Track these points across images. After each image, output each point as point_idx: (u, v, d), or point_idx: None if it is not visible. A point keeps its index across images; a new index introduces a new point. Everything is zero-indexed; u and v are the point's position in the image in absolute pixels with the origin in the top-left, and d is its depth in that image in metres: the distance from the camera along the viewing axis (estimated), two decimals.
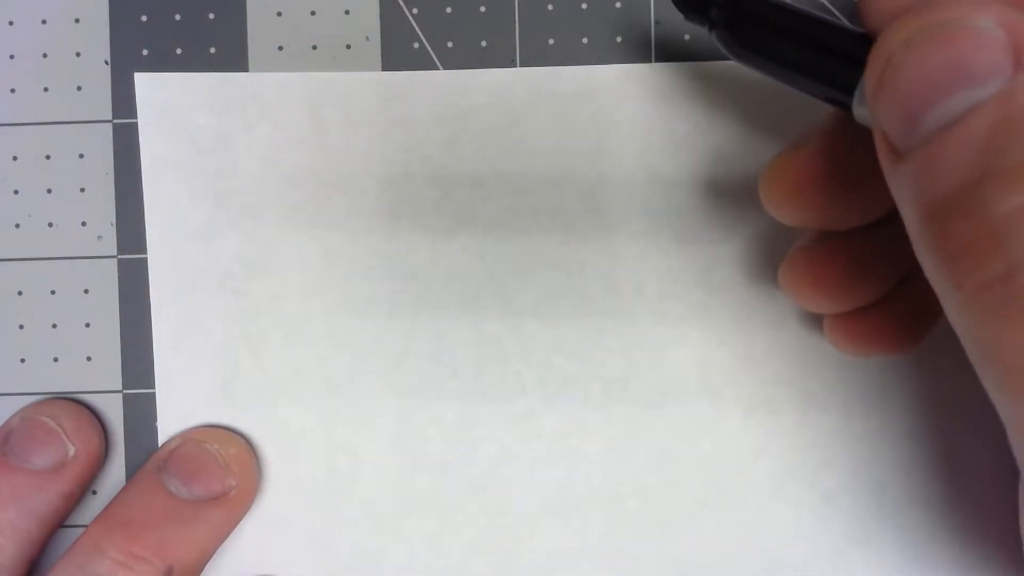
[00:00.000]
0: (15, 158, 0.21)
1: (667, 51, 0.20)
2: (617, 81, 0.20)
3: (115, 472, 0.22)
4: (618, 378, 0.21)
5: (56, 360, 0.22)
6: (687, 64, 0.20)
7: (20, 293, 0.22)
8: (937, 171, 0.12)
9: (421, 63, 0.21)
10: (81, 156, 0.21)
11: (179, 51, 0.21)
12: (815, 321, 0.20)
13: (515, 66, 0.21)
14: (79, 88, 0.21)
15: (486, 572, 0.21)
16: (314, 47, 0.21)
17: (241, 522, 0.21)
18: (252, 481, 0.21)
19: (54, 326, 0.22)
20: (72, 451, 0.20)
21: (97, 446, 0.21)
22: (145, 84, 0.21)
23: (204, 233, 0.21)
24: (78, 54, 0.21)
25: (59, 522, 0.21)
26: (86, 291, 0.21)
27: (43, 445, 0.20)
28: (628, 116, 0.20)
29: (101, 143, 0.21)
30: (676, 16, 0.18)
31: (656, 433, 0.21)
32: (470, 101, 0.21)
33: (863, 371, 0.21)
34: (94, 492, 0.22)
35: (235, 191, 0.21)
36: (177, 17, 0.21)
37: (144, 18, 0.21)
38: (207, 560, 0.21)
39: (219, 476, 0.20)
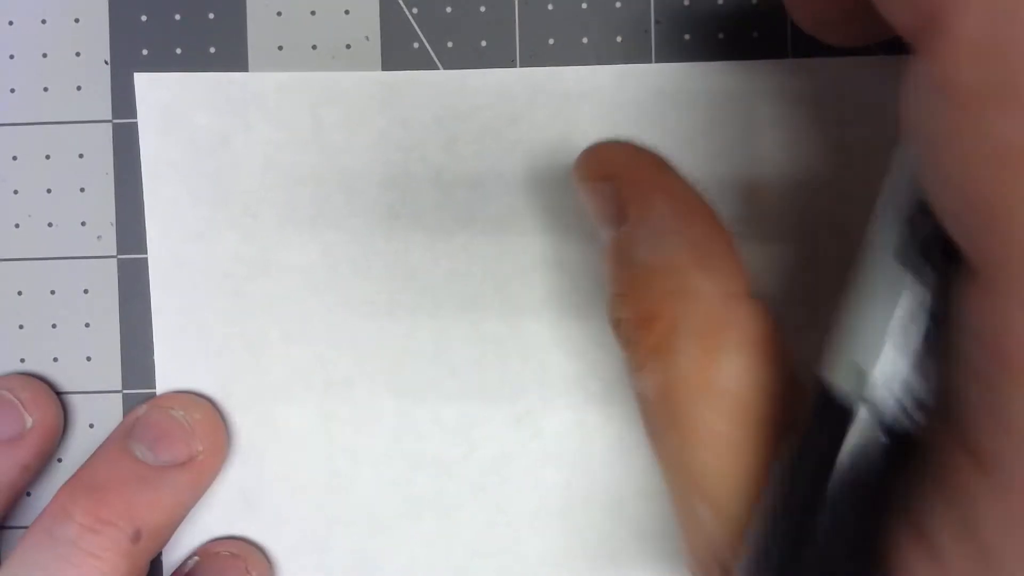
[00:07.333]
0: (15, 158, 0.21)
1: (667, 51, 0.20)
2: (617, 81, 0.20)
3: None
4: (618, 378, 0.21)
5: (56, 360, 0.22)
6: (687, 64, 0.20)
7: (20, 293, 0.22)
8: None
9: (421, 63, 0.21)
10: (81, 156, 0.21)
11: (179, 51, 0.21)
12: None
13: (515, 66, 0.21)
14: (79, 88, 0.21)
15: (486, 572, 0.21)
16: (314, 47, 0.21)
17: (241, 522, 0.21)
18: (219, 446, 0.21)
19: (54, 326, 0.22)
20: (30, 422, 0.20)
21: (54, 417, 0.21)
22: (145, 84, 0.21)
23: (204, 233, 0.21)
24: (78, 54, 0.21)
25: (17, 493, 0.21)
26: (86, 291, 0.21)
27: (0, 416, 0.20)
28: (628, 116, 0.20)
29: (101, 143, 0.21)
30: (676, 16, 0.18)
31: None
32: (470, 101, 0.21)
33: None
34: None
35: (235, 191, 0.21)
36: (177, 17, 0.21)
37: (144, 18, 0.21)
38: (175, 525, 0.21)
39: (185, 441, 0.20)
